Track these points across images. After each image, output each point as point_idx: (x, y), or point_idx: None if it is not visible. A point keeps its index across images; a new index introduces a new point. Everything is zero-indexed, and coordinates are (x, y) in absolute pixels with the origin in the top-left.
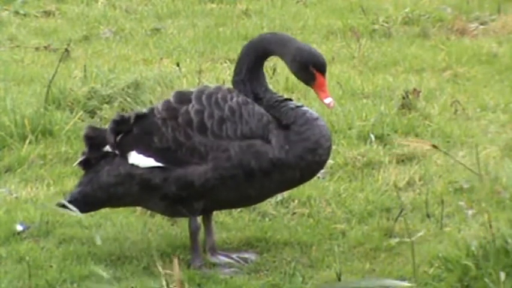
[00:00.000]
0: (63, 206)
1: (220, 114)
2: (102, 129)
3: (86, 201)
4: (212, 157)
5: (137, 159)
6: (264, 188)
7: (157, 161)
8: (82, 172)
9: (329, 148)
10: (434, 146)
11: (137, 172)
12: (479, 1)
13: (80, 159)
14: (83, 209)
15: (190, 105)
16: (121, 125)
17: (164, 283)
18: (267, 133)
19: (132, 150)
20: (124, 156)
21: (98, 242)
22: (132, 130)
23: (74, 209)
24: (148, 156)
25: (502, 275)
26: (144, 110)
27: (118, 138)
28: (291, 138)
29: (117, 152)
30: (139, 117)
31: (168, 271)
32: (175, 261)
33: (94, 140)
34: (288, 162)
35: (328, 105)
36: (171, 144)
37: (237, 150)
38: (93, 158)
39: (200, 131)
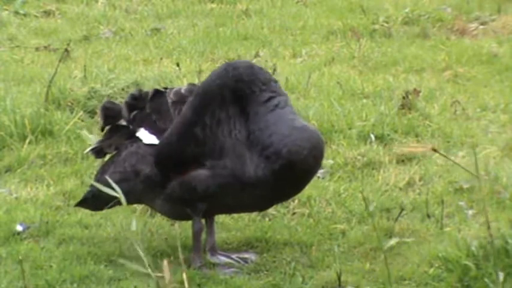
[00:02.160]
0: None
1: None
2: (119, 105)
3: (95, 200)
4: (210, 165)
5: (143, 135)
6: (259, 198)
7: (159, 139)
8: (82, 172)
9: (302, 159)
10: (434, 150)
11: (142, 169)
12: (479, 1)
13: (92, 147)
14: (94, 208)
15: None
16: (138, 100)
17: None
18: (252, 150)
19: (141, 127)
20: (134, 134)
21: (134, 227)
22: (146, 107)
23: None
24: (152, 133)
25: (501, 276)
26: (162, 89)
27: (133, 114)
28: (261, 158)
29: (131, 126)
30: (156, 94)
31: (159, 274)
32: (166, 264)
33: (110, 111)
34: (268, 179)
35: None
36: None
37: (231, 157)
38: (106, 146)
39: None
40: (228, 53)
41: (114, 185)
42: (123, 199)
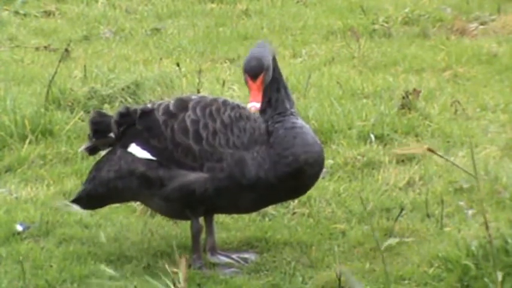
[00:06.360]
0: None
1: (214, 126)
2: (108, 116)
3: (89, 198)
4: (208, 168)
5: (135, 150)
6: (255, 200)
7: (154, 155)
8: (83, 172)
9: (312, 170)
10: (431, 150)
11: (137, 166)
12: (479, 1)
13: (86, 145)
14: (88, 207)
15: (187, 114)
16: (126, 117)
17: (170, 283)
18: (253, 150)
19: (133, 142)
20: (125, 149)
21: (102, 239)
22: (135, 124)
23: (76, 207)
24: (144, 149)
25: (499, 275)
26: (149, 106)
27: (121, 129)
28: (271, 158)
29: (120, 141)
30: (144, 113)
31: (175, 270)
32: (183, 260)
33: (99, 125)
34: (268, 181)
35: (249, 109)
36: (168, 144)
37: (229, 162)
38: (100, 144)
39: (196, 140)
40: (228, 53)
41: (71, 204)
42: (82, 210)
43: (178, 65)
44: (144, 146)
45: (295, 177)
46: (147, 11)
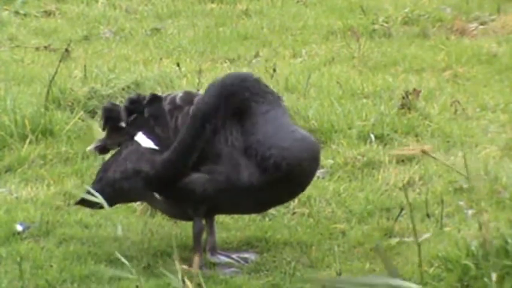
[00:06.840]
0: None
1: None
2: (120, 106)
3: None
4: (208, 169)
5: (141, 139)
6: (254, 202)
7: (156, 145)
8: (83, 172)
9: (301, 170)
10: (424, 152)
11: (142, 166)
12: (479, 1)
13: (95, 144)
14: (94, 207)
15: (191, 108)
16: (136, 103)
17: (181, 280)
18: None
19: (140, 131)
20: (132, 139)
21: (119, 232)
22: (144, 111)
23: (100, 198)
24: (149, 138)
25: (494, 276)
26: (159, 94)
27: (132, 117)
28: (259, 165)
29: (129, 127)
30: (154, 99)
31: (185, 267)
32: (196, 258)
33: (111, 112)
34: (260, 186)
35: None
36: (171, 134)
37: (227, 164)
38: (109, 143)
39: None
40: (228, 53)
41: (95, 192)
42: (106, 205)
43: (178, 65)
44: (150, 134)
45: (286, 179)
46: (147, 11)
